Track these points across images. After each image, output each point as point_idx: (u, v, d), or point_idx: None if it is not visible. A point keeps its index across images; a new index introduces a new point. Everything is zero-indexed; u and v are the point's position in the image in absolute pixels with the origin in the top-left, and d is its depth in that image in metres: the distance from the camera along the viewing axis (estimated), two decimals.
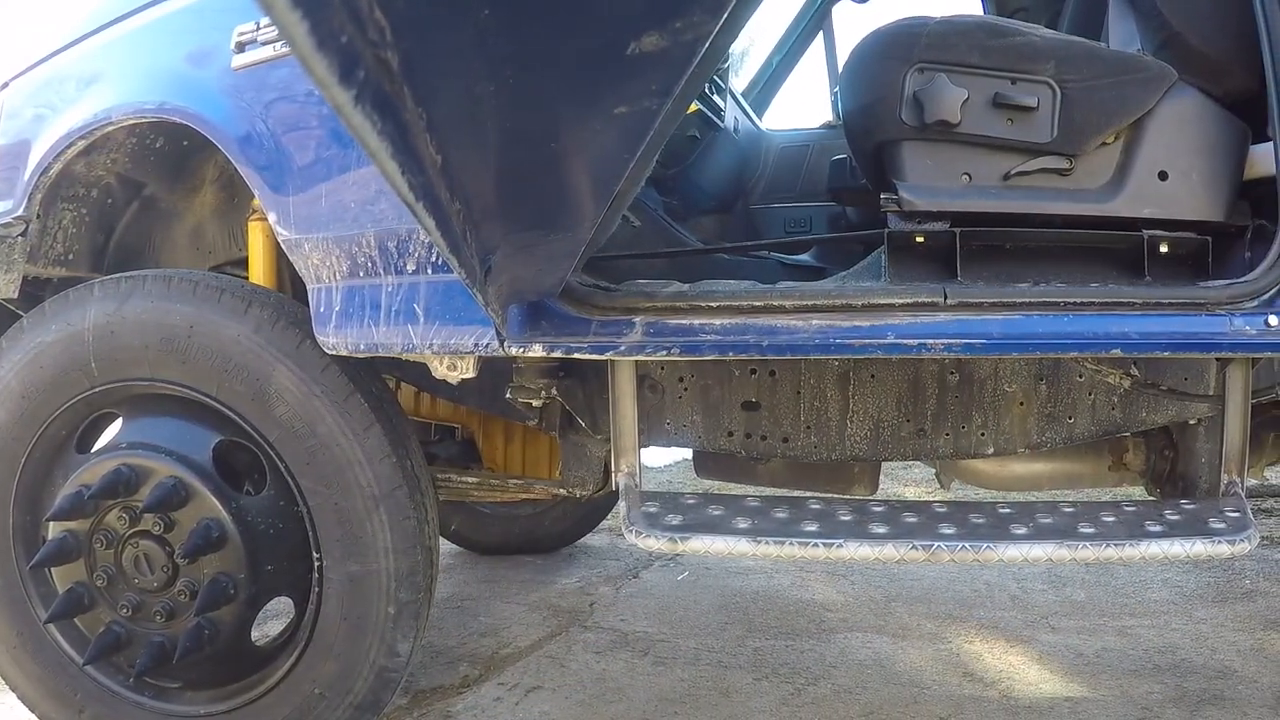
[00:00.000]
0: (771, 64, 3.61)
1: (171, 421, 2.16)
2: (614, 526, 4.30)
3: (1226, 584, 3.72)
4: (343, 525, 2.04)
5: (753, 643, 3.04)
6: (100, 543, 2.11)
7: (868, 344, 1.68)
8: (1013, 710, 2.56)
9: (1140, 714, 2.55)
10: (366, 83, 0.67)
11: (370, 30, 0.66)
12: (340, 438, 2.01)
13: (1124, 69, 1.80)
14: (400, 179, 0.84)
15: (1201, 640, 3.11)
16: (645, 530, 1.60)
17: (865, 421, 2.06)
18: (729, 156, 2.86)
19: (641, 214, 2.16)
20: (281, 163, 1.96)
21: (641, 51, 0.99)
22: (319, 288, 1.97)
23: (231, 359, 2.04)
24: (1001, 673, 2.85)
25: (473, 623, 3.29)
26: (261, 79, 1.97)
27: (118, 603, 2.12)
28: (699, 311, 1.69)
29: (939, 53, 1.80)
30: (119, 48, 2.26)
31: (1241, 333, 1.68)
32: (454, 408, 2.76)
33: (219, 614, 2.08)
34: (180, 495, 2.06)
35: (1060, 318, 1.69)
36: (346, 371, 2.03)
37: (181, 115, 2.07)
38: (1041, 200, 1.81)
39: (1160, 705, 2.60)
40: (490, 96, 1.00)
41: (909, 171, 1.81)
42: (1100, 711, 2.56)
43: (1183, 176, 1.80)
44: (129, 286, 2.12)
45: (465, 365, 1.85)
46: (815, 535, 1.56)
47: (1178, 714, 2.54)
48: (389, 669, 2.11)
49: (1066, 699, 2.65)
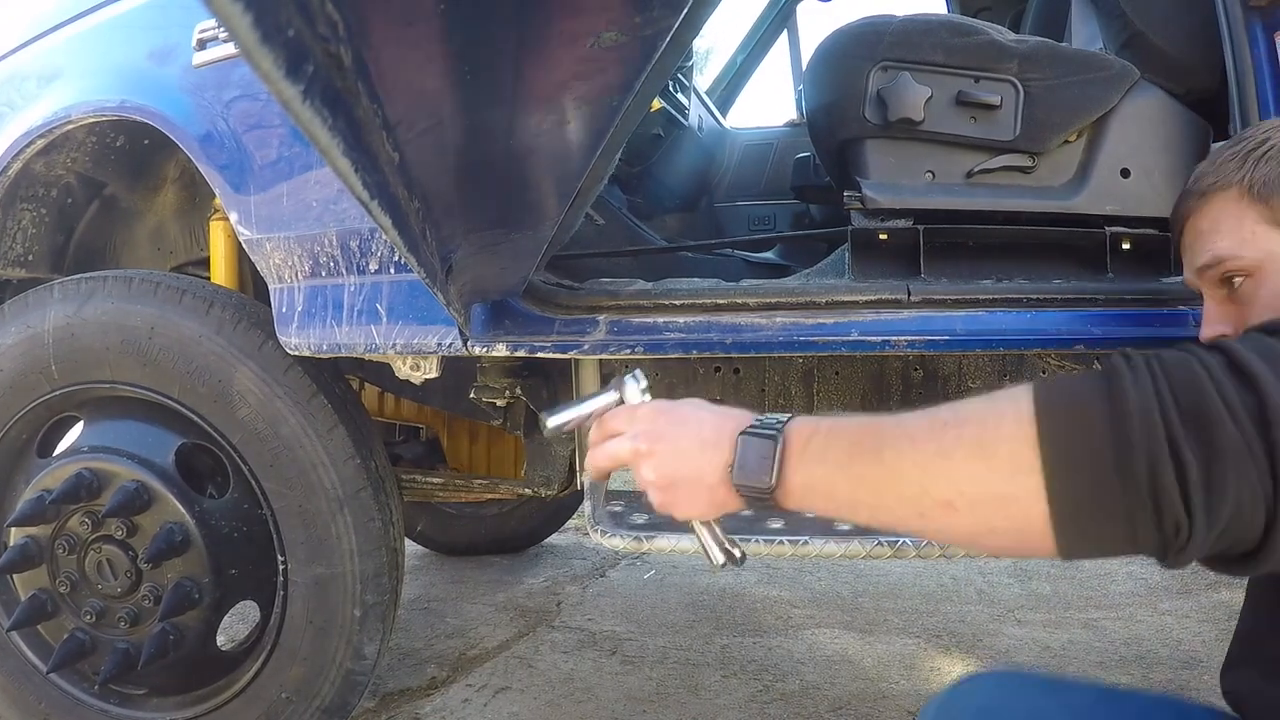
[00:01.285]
0: (736, 62, 3.62)
1: (133, 424, 2.13)
2: (580, 526, 4.29)
3: (1190, 576, 3.76)
4: (307, 528, 2.02)
5: (720, 640, 3.04)
6: (63, 548, 2.09)
7: (831, 341, 1.68)
8: None
9: None
10: (316, 77, 0.66)
11: (320, 24, 0.65)
12: (304, 439, 2.00)
13: (1086, 67, 1.81)
14: (353, 176, 0.83)
15: (1166, 632, 3.13)
16: (610, 529, 1.59)
17: None
18: (693, 155, 2.86)
19: (605, 212, 2.16)
20: (243, 161, 1.94)
21: (601, 47, 0.98)
22: (281, 288, 1.95)
23: (193, 360, 2.01)
24: (969, 667, 2.86)
25: (440, 624, 3.28)
26: (223, 76, 1.95)
27: (81, 609, 2.10)
28: (663, 310, 1.69)
29: (903, 51, 1.80)
30: (80, 44, 2.23)
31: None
32: (418, 408, 2.75)
33: (183, 619, 2.06)
34: (143, 499, 2.04)
35: (1023, 314, 1.69)
36: (309, 372, 2.01)
37: (142, 113, 2.05)
38: (1005, 197, 1.82)
39: None
40: (448, 92, 0.99)
41: (872, 169, 1.81)
42: None
43: (1145, 174, 1.81)
44: (89, 287, 2.09)
45: (429, 365, 1.84)
46: (781, 532, 1.56)
47: None
48: (356, 672, 2.10)
49: None
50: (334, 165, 0.81)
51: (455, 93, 1.00)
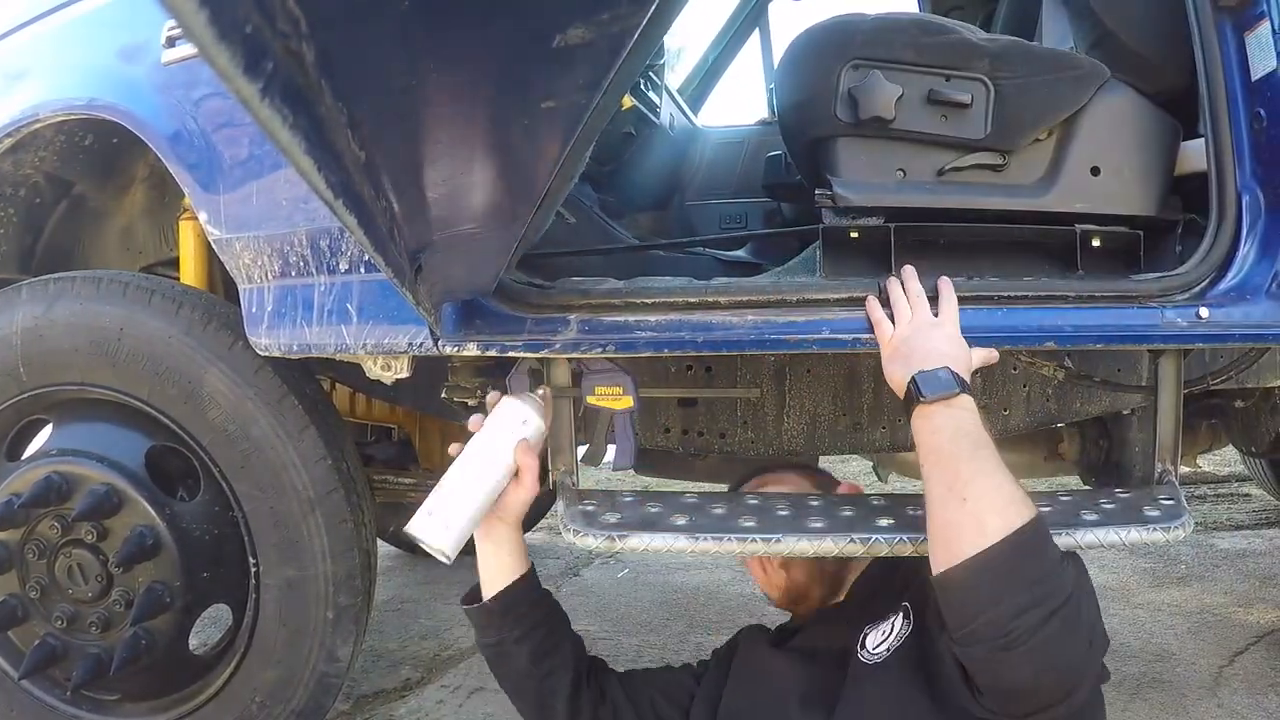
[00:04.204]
0: (707, 61, 3.61)
1: (103, 427, 2.12)
2: (553, 525, 4.28)
3: (1163, 570, 3.79)
4: (279, 530, 2.01)
5: (695, 638, 3.04)
6: (32, 553, 2.07)
7: (803, 339, 1.68)
8: None
9: None
10: (275, 74, 0.65)
11: (280, 21, 0.65)
12: (274, 441, 1.98)
13: (1057, 66, 1.82)
14: (316, 176, 0.82)
15: (1139, 625, 3.16)
16: (583, 529, 1.59)
17: (802, 416, 2.07)
18: (665, 153, 2.86)
19: (576, 211, 2.15)
20: (212, 160, 1.92)
21: (567, 44, 0.98)
22: (251, 288, 1.94)
23: (163, 362, 2.00)
24: None
25: (413, 625, 3.27)
26: (192, 74, 1.93)
27: (52, 614, 2.08)
28: (634, 308, 1.69)
29: (874, 49, 1.80)
30: (48, 42, 2.21)
31: (1173, 325, 1.70)
32: (390, 408, 2.73)
33: (155, 623, 2.04)
34: (113, 502, 2.02)
35: (994, 311, 1.70)
36: (280, 373, 2.00)
37: (111, 112, 2.03)
38: (975, 195, 1.82)
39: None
40: (414, 91, 0.98)
41: (843, 167, 1.81)
42: None
43: (1115, 172, 1.82)
44: (58, 288, 2.07)
45: (400, 365, 1.83)
46: (753, 530, 1.56)
47: (1118, 697, 2.57)
48: (330, 675, 2.09)
49: None
50: (296, 164, 0.80)
51: (422, 90, 0.99)
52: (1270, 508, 4.78)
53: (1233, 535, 4.37)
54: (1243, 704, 2.54)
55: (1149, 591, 3.54)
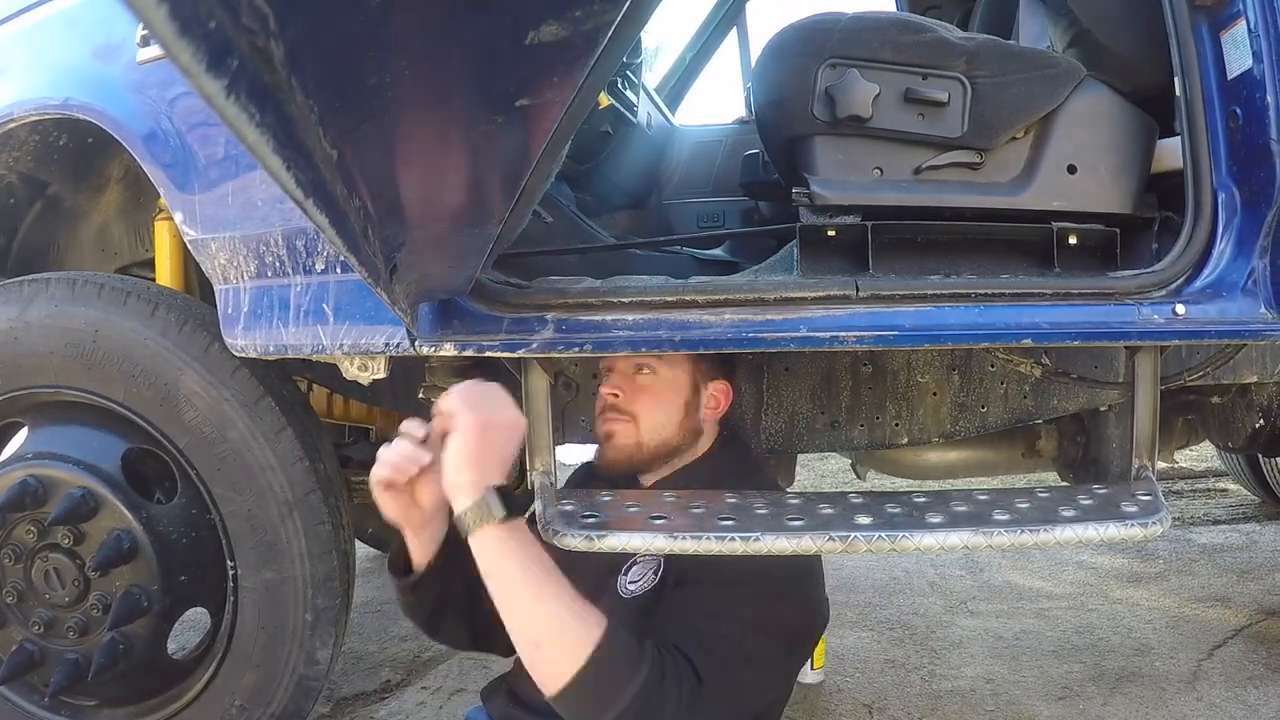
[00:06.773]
0: (685, 60, 3.61)
1: (79, 430, 2.10)
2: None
3: (1141, 565, 3.81)
4: (256, 532, 2.00)
5: None
6: (9, 558, 2.05)
7: (781, 338, 1.68)
8: (935, 695, 2.59)
9: (1061, 693, 2.59)
10: (241, 71, 0.64)
11: (246, 16, 0.64)
12: (251, 442, 1.97)
13: (1034, 65, 1.82)
14: (285, 175, 0.81)
15: (1118, 620, 3.17)
16: (562, 528, 1.58)
17: (780, 414, 2.07)
18: (642, 152, 2.85)
19: (554, 210, 2.14)
20: (187, 160, 1.91)
21: (541, 41, 0.97)
22: (227, 289, 1.93)
23: (138, 364, 1.99)
24: (923, 658, 2.88)
25: (393, 627, 3.25)
26: (167, 73, 1.92)
27: (29, 620, 2.06)
28: (611, 308, 1.68)
29: (851, 48, 1.80)
30: (22, 42, 2.19)
31: (1150, 322, 1.70)
32: (367, 409, 2.72)
33: (133, 628, 2.03)
34: (89, 506, 2.01)
35: (971, 309, 1.70)
36: (256, 374, 1.99)
37: (86, 111, 2.02)
38: (952, 194, 1.82)
39: (1080, 684, 2.65)
40: (386, 88, 0.97)
41: (821, 166, 1.81)
42: (1022, 692, 2.60)
43: (1091, 170, 1.82)
44: (32, 290, 2.06)
45: (376, 366, 1.82)
46: (731, 529, 1.55)
47: (1098, 691, 2.59)
48: (309, 677, 2.08)
49: (988, 681, 2.68)
50: (264, 163, 0.80)
51: (394, 88, 0.98)
52: (1247, 503, 4.82)
53: (1210, 530, 4.41)
54: (1222, 697, 2.55)
55: (1127, 587, 3.56)
